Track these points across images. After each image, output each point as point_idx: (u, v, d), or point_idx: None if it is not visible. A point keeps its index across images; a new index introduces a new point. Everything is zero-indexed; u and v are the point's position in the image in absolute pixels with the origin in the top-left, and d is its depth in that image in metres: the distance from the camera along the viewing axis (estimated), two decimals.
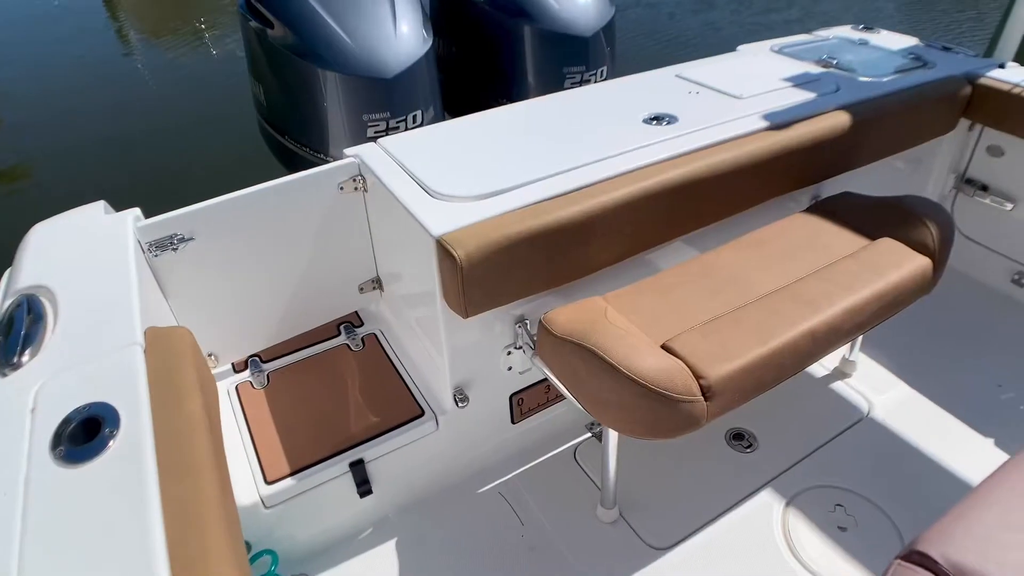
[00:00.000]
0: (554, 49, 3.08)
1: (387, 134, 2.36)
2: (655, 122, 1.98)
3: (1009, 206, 2.52)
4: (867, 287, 1.69)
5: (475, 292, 1.54)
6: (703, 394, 1.45)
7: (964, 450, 2.05)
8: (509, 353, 1.86)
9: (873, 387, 2.25)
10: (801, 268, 1.77)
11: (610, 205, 1.66)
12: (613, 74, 3.24)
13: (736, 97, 2.14)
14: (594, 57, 3.10)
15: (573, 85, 3.12)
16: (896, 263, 1.77)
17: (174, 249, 1.73)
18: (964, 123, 2.50)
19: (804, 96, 2.16)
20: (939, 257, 1.84)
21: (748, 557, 1.78)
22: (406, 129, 2.72)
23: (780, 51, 2.60)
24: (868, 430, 2.11)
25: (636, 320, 1.62)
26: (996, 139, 2.49)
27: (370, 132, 2.70)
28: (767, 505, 1.91)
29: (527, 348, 1.79)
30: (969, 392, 2.24)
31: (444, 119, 2.45)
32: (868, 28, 2.88)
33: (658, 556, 1.80)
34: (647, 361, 1.44)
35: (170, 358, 1.31)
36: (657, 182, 1.73)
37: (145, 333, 1.32)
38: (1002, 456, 2.03)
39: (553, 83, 3.10)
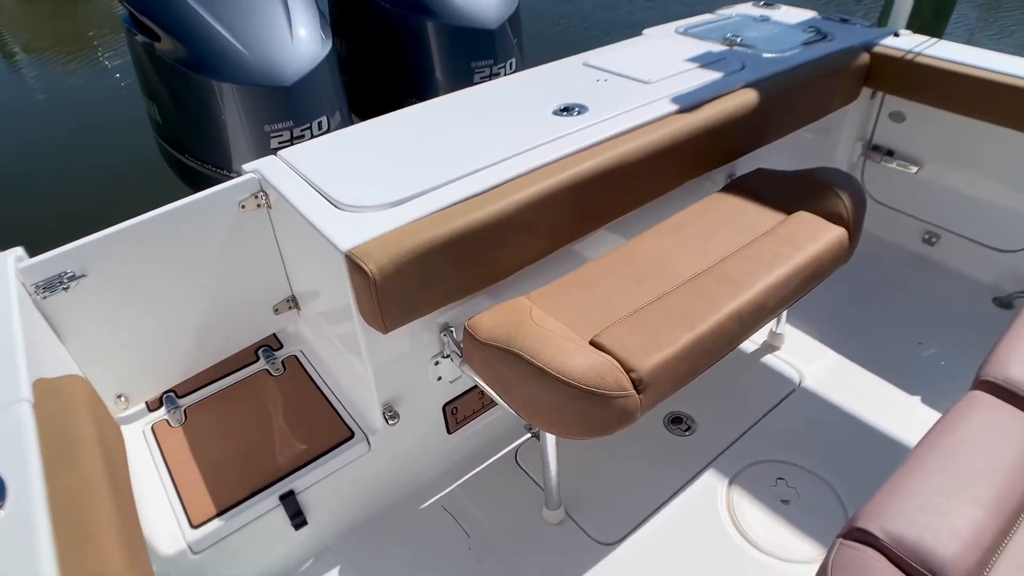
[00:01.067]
0: (460, 44, 3.01)
1: (292, 143, 2.25)
2: (565, 113, 1.94)
3: (914, 169, 2.60)
4: (787, 263, 1.70)
5: (392, 306, 1.47)
6: (635, 388, 1.42)
7: (894, 411, 2.10)
8: (437, 363, 1.79)
9: (802, 357, 2.29)
10: (722, 249, 1.77)
11: (525, 202, 1.61)
12: (522, 66, 3.19)
13: (644, 82, 2.12)
14: (501, 50, 3.05)
15: (482, 79, 3.06)
16: (813, 236, 1.79)
17: (65, 288, 1.59)
18: (866, 92, 2.56)
19: (711, 76, 2.16)
20: (854, 227, 1.87)
21: (696, 540, 1.77)
22: (312, 137, 2.61)
23: (685, 32, 2.60)
24: (801, 400, 2.14)
25: (563, 317, 1.58)
26: (897, 105, 2.56)
27: (274, 143, 2.58)
28: (710, 486, 1.90)
29: (454, 356, 1.73)
30: (893, 352, 2.30)
31: (352, 123, 2.36)
32: (769, 4, 2.92)
33: (608, 551, 1.78)
34: (576, 360, 1.40)
35: (63, 412, 1.19)
36: (572, 175, 1.69)
37: (33, 386, 1.20)
38: (930, 413, 2.09)
39: (462, 79, 3.04)
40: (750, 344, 2.35)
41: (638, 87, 2.09)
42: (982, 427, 1.31)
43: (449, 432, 1.95)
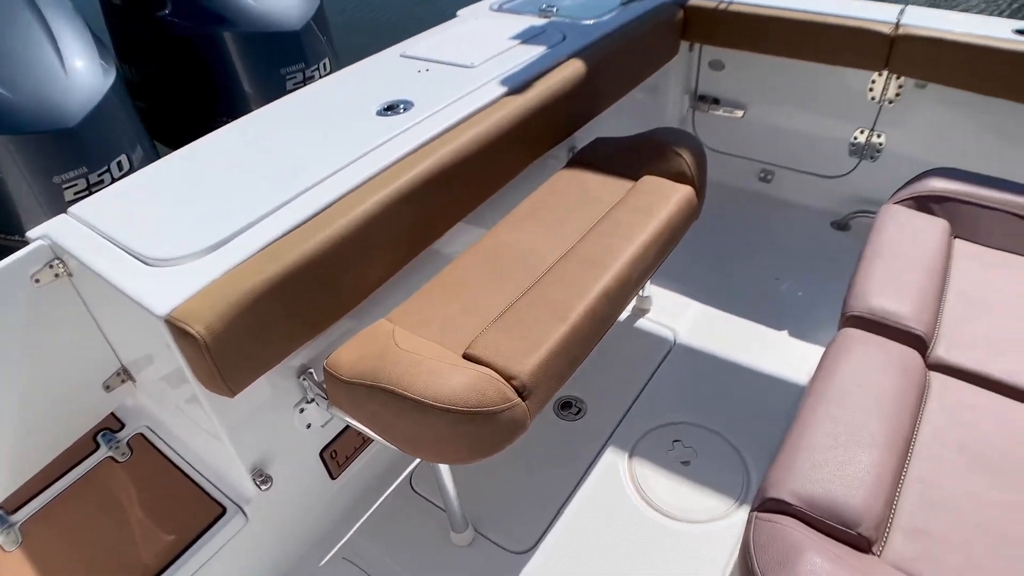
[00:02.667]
0: (264, 51, 2.77)
1: (91, 192, 1.96)
2: (390, 112, 1.80)
3: (740, 113, 2.68)
4: (644, 231, 1.67)
5: (233, 366, 1.29)
6: (520, 395, 1.34)
7: (766, 349, 2.16)
8: (302, 410, 1.63)
9: (671, 315, 2.31)
10: (578, 228, 1.71)
11: (363, 218, 1.47)
12: (337, 65, 3.00)
13: (468, 67, 2.02)
14: (311, 51, 2.84)
15: (296, 86, 2.84)
16: (664, 199, 1.77)
17: None
18: (684, 45, 2.60)
19: (535, 52, 2.09)
20: (698, 182, 1.88)
21: (610, 522, 1.74)
22: (113, 181, 2.30)
23: (500, 9, 2.52)
24: (679, 358, 2.16)
25: (429, 333, 1.47)
26: (714, 55, 2.62)
27: (69, 195, 2.26)
28: (612, 464, 1.88)
29: (319, 400, 1.57)
30: (754, 292, 2.37)
31: (159, 156, 2.10)
32: None
33: (527, 559, 1.70)
34: (452, 382, 1.29)
35: None
36: (409, 178, 1.57)
37: None
38: (799, 344, 2.17)
39: (274, 88, 2.80)
40: (621, 313, 2.34)
41: (462, 73, 1.99)
42: (860, 364, 1.33)
43: (333, 478, 1.79)
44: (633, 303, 2.34)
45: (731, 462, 1.85)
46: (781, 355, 2.14)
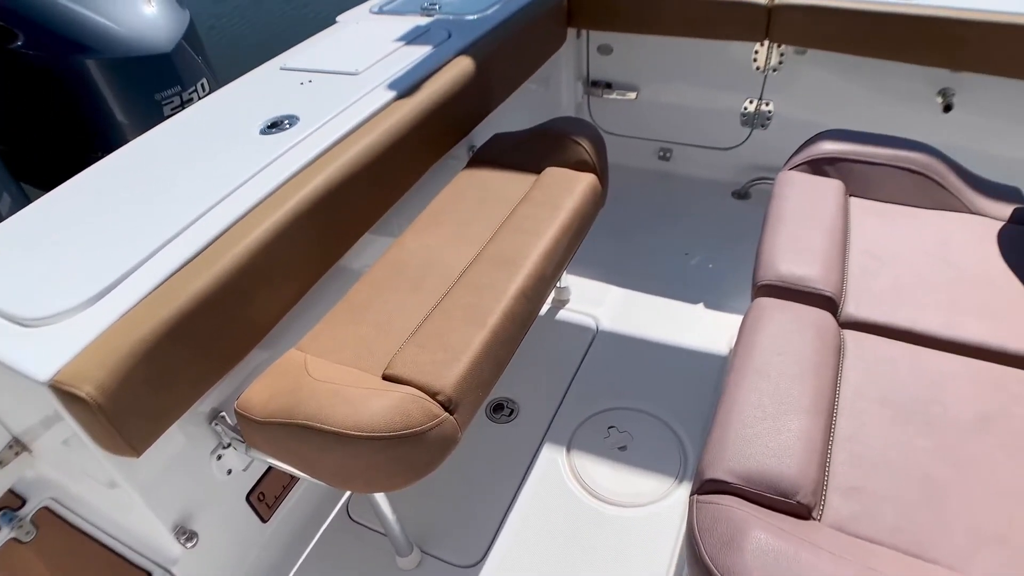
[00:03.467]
0: (134, 77, 2.60)
1: None
2: (274, 129, 1.71)
3: (632, 95, 2.71)
4: (553, 225, 1.65)
5: (134, 423, 1.19)
6: (446, 410, 1.29)
7: (686, 323, 2.19)
8: (220, 457, 1.53)
9: (591, 302, 2.31)
10: (486, 229, 1.68)
11: (257, 246, 1.39)
12: (217, 84, 2.85)
13: (353, 74, 1.94)
14: (186, 72, 2.69)
15: (175, 111, 2.68)
16: (568, 190, 1.76)
17: None
18: (571, 32, 2.60)
19: (421, 52, 2.03)
20: (600, 168, 1.87)
21: (557, 520, 1.72)
22: None
23: (381, 11, 2.45)
24: (604, 344, 2.16)
25: (345, 358, 1.40)
26: (602, 39, 2.63)
27: None
28: (551, 460, 1.86)
29: (236, 444, 1.48)
30: (667, 270, 2.40)
31: (30, 201, 1.92)
32: None
33: (477, 571, 1.66)
34: (373, 408, 1.24)
35: None
36: (303, 198, 1.49)
37: None
38: (717, 315, 2.21)
39: (150, 115, 2.63)
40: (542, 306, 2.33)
41: (348, 81, 1.91)
42: (776, 333, 1.35)
43: (264, 521, 1.70)
44: (552, 296, 2.33)
45: (666, 440, 1.86)
46: (700, 328, 2.17)
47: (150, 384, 1.21)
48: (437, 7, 2.36)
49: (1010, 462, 1.18)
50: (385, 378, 1.34)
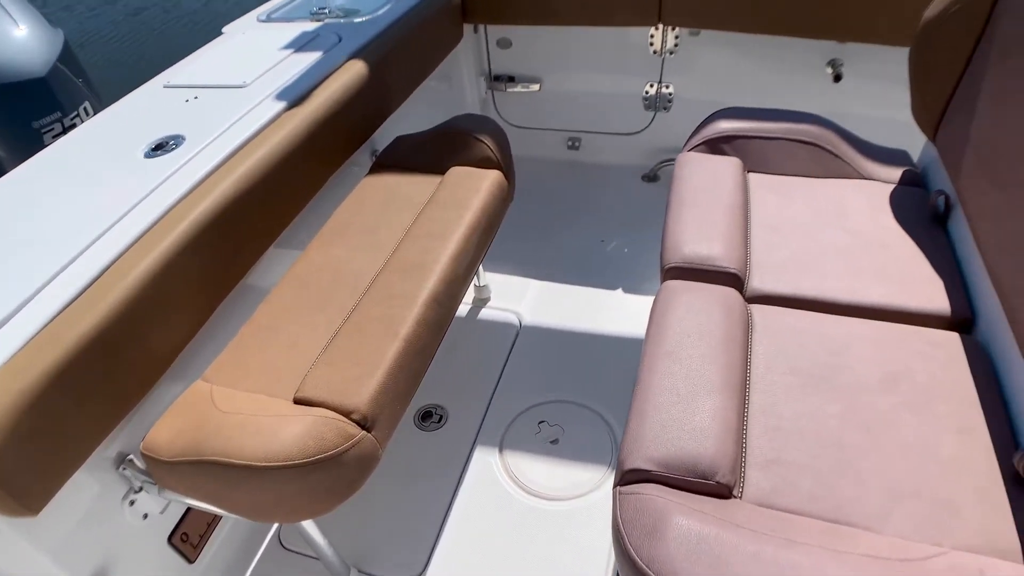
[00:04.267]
0: (7, 104, 2.43)
1: None
2: (159, 151, 1.62)
3: (536, 87, 2.70)
4: (460, 226, 1.62)
5: (25, 480, 1.11)
6: (363, 427, 1.25)
7: (606, 310, 2.20)
8: (132, 502, 1.44)
9: (512, 299, 2.30)
10: (393, 235, 1.64)
11: (148, 275, 1.31)
12: (102, 107, 2.70)
13: (240, 87, 1.87)
14: (65, 96, 2.53)
15: (57, 137, 2.52)
16: (473, 188, 1.73)
17: None
18: (468, 28, 2.57)
19: (310, 59, 1.97)
20: (505, 164, 1.86)
21: (495, 521, 1.70)
22: None
23: (268, 19, 2.36)
24: (528, 339, 2.15)
25: (254, 385, 1.34)
26: (500, 33, 2.61)
27: None
28: (484, 463, 1.84)
29: (148, 486, 1.40)
30: (584, 259, 2.41)
31: None
32: None
33: None
34: (284, 435, 1.19)
35: None
36: (195, 220, 1.42)
37: None
38: (636, 299, 2.23)
39: (30, 144, 2.46)
40: (462, 308, 2.30)
41: (235, 95, 1.83)
42: (685, 315, 1.37)
43: (191, 562, 1.62)
44: (472, 295, 2.30)
45: (597, 428, 1.87)
46: (621, 312, 2.19)
47: (39, 436, 1.12)
48: (327, 11, 2.29)
49: (916, 418, 1.22)
50: (297, 402, 1.29)
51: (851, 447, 1.17)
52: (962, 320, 1.43)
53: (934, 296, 1.44)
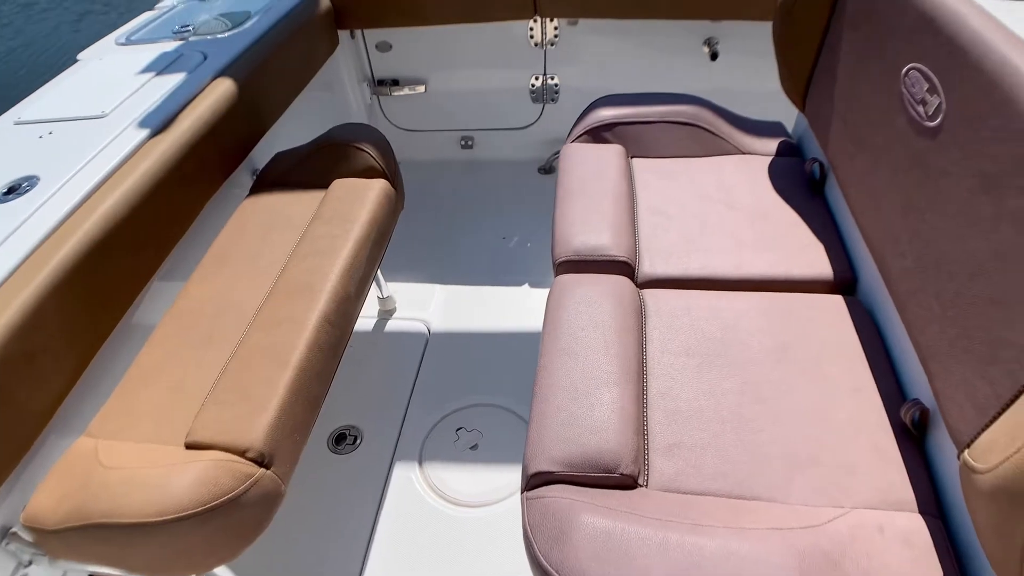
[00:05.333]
0: None
1: None
2: (12, 195, 1.50)
3: (421, 88, 2.66)
4: (348, 241, 1.57)
5: None
6: (261, 464, 1.20)
7: (514, 307, 2.19)
8: None
9: (418, 307, 2.26)
10: (277, 258, 1.57)
11: (9, 331, 1.20)
12: None
13: (100, 117, 1.75)
14: None
15: None
16: (359, 200, 1.68)
17: None
18: (344, 34, 2.50)
19: (174, 80, 1.86)
20: (390, 171, 1.81)
21: (421, 536, 1.67)
22: None
23: (128, 42, 2.22)
24: (439, 346, 2.12)
25: (141, 433, 1.26)
26: (378, 36, 2.56)
27: None
28: (405, 479, 1.80)
29: (38, 558, 1.30)
30: (487, 258, 2.39)
31: None
32: None
33: None
34: (175, 486, 1.12)
35: None
36: (54, 268, 1.31)
37: None
38: (542, 292, 2.23)
39: None
40: (366, 322, 2.24)
41: (94, 126, 1.72)
42: (578, 308, 1.36)
43: None
44: (377, 308, 2.25)
45: (515, 428, 1.86)
46: (529, 308, 2.19)
47: None
48: (190, 29, 2.18)
49: (809, 385, 1.26)
50: (188, 447, 1.22)
51: (749, 421, 1.19)
52: (845, 282, 1.48)
53: (816, 262, 1.49)
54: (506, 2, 2.31)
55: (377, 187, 1.73)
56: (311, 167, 1.81)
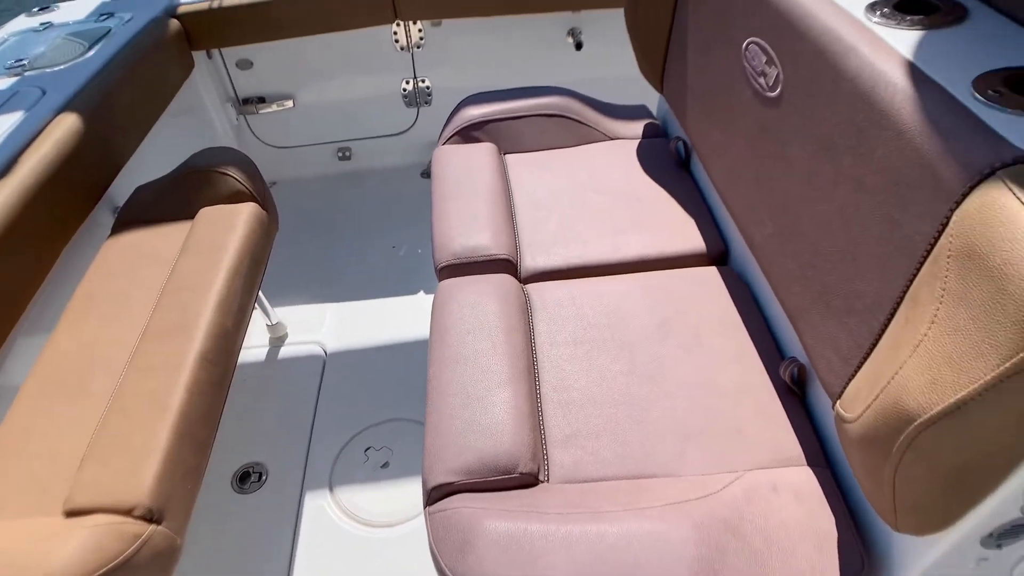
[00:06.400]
0: None
1: None
2: None
3: (289, 103, 2.58)
4: (219, 271, 1.50)
5: None
6: (151, 520, 1.13)
7: (411, 316, 2.16)
8: None
9: (311, 330, 2.19)
10: (147, 299, 1.49)
11: None
12: None
13: None
14: None
15: None
16: (228, 227, 1.61)
17: None
18: (199, 55, 2.39)
19: (9, 121, 1.73)
20: (259, 193, 1.74)
21: (339, 565, 1.62)
22: None
23: None
24: (337, 367, 2.07)
25: (15, 507, 1.16)
26: (237, 54, 2.46)
27: None
28: (317, 508, 1.74)
29: None
30: (380, 269, 2.35)
31: None
32: (45, 8, 2.47)
33: None
34: (57, 558, 1.03)
35: None
36: None
37: None
38: (428, 299, 2.21)
39: None
40: (258, 352, 2.15)
41: None
42: (462, 312, 1.36)
43: None
44: (267, 336, 2.17)
45: (421, 439, 1.84)
46: (425, 315, 2.17)
47: None
48: (24, 63, 2.03)
49: (691, 356, 1.30)
50: (69, 514, 1.13)
51: (640, 400, 1.22)
52: (718, 254, 1.54)
53: (690, 237, 1.55)
54: (365, 9, 2.27)
55: (246, 212, 1.66)
56: (174, 198, 1.72)
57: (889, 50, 0.96)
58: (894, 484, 0.81)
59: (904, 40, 0.99)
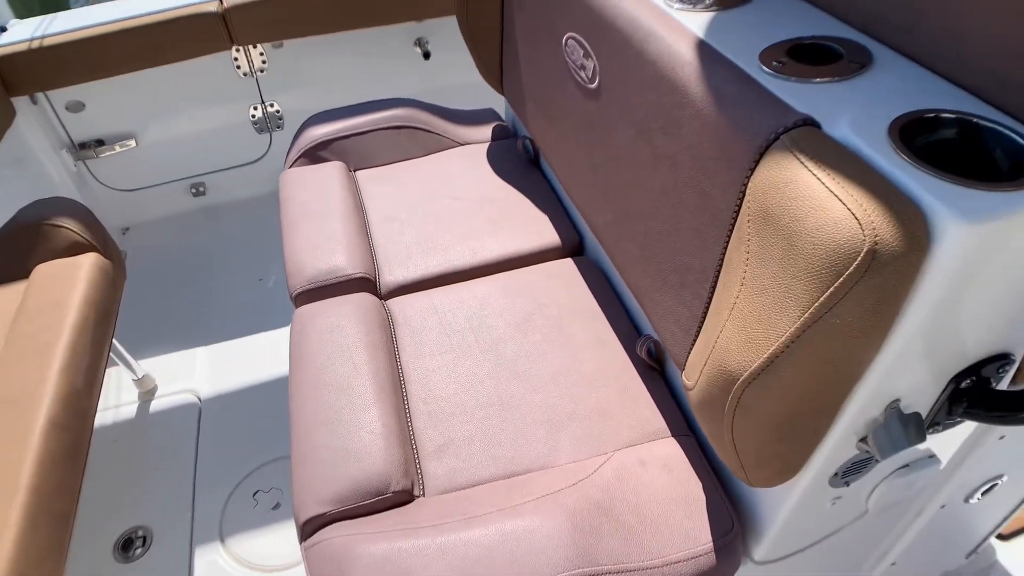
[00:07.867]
0: None
1: None
2: None
3: (131, 142, 2.45)
4: (62, 332, 1.41)
5: None
6: None
7: (281, 347, 2.09)
8: None
9: (183, 379, 2.07)
10: None
11: None
12: None
13: None
14: None
15: None
16: (68, 283, 1.51)
17: None
18: (22, 100, 2.22)
19: None
20: (100, 242, 1.64)
21: None
22: None
23: None
24: (214, 413, 1.97)
25: None
26: (65, 96, 2.30)
27: None
28: (210, 563, 1.65)
29: None
30: (248, 304, 2.27)
31: None
32: None
33: None
34: None
35: None
36: None
37: None
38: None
39: None
40: (128, 409, 2.01)
41: None
42: (321, 338, 1.33)
43: None
44: (136, 392, 2.03)
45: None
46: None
47: None
48: None
49: (554, 348, 1.32)
50: None
51: (509, 399, 1.23)
52: (573, 245, 1.58)
53: (545, 232, 1.58)
54: (198, 38, 2.18)
55: (87, 263, 1.56)
56: (4, 258, 1.60)
57: (684, 31, 1.01)
58: (734, 443, 0.86)
59: (699, 22, 1.04)
